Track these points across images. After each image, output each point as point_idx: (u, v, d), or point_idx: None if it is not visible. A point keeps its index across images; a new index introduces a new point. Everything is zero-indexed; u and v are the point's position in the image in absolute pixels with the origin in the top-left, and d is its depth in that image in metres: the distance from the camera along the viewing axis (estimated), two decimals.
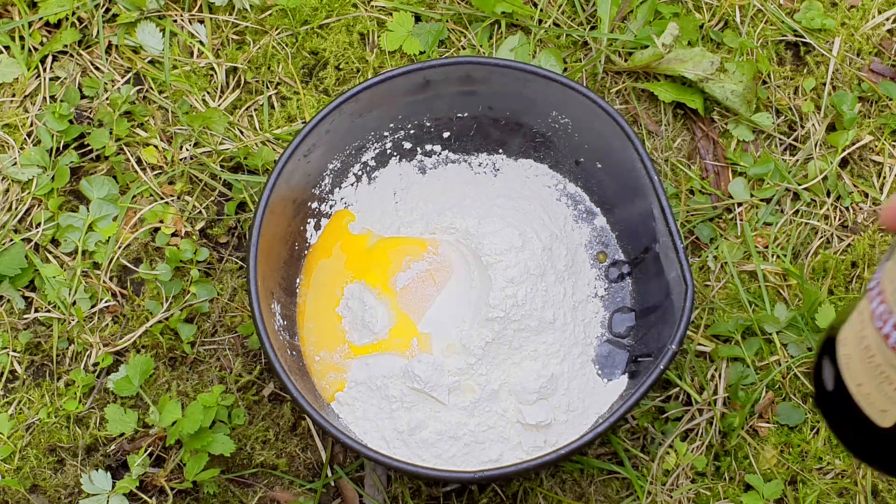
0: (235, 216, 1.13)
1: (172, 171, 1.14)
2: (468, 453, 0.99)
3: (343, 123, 1.03)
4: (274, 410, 1.08)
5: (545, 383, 1.00)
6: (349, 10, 1.18)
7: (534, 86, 1.02)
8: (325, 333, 1.04)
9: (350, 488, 1.05)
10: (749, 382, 1.07)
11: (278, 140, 1.14)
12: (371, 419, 1.00)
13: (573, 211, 1.08)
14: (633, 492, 1.05)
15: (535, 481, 1.05)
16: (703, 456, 1.06)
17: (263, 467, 1.06)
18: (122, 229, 1.12)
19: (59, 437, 1.06)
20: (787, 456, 1.06)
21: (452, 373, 1.00)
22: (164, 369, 1.08)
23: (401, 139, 1.08)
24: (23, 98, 1.16)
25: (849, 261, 1.11)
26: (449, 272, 1.03)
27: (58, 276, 1.10)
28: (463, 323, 1.01)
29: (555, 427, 1.00)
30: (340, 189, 1.08)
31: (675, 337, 0.94)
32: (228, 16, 1.18)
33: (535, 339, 1.00)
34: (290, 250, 1.05)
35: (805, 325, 1.08)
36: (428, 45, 1.16)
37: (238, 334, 1.10)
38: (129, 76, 1.17)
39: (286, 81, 1.17)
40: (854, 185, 1.14)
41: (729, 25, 1.19)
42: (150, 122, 1.15)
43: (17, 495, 1.05)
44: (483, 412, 1.00)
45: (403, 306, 1.02)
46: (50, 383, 1.08)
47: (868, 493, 1.05)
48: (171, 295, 1.10)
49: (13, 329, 1.09)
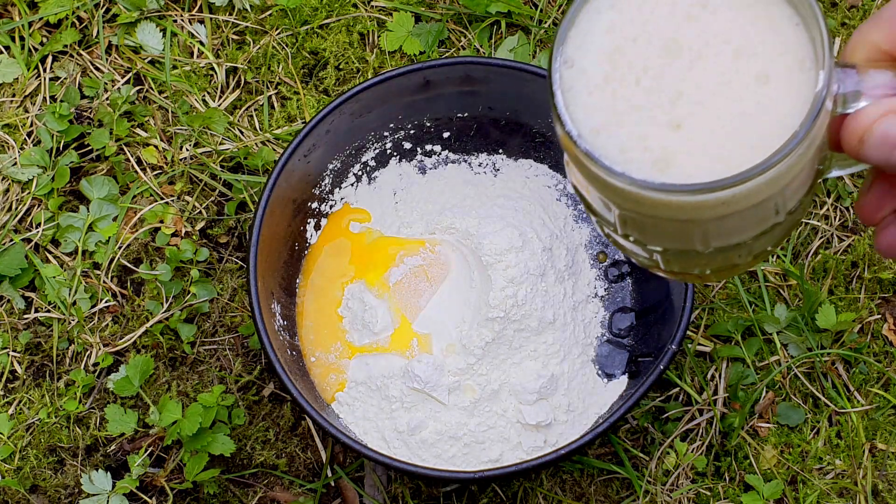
0: (235, 216, 1.13)
1: (172, 171, 1.14)
2: (468, 453, 0.99)
3: (343, 123, 1.03)
4: (274, 410, 1.08)
5: (545, 383, 1.00)
6: (349, 10, 1.18)
7: (534, 86, 1.02)
8: (324, 333, 1.04)
9: (350, 488, 1.05)
10: (749, 382, 1.07)
11: (278, 140, 1.14)
12: (371, 419, 1.00)
13: (573, 211, 1.08)
14: (633, 492, 1.05)
15: (535, 481, 1.05)
16: (703, 456, 1.06)
17: (263, 467, 1.06)
18: (122, 229, 1.12)
19: (59, 437, 1.06)
20: (788, 456, 1.06)
21: (452, 373, 1.00)
22: (164, 369, 1.08)
23: (401, 139, 1.08)
24: (23, 98, 1.16)
25: (849, 261, 1.11)
26: (445, 270, 1.03)
27: (58, 277, 1.10)
28: (463, 323, 1.01)
29: (555, 427, 1.00)
30: (340, 189, 1.08)
31: (675, 337, 0.94)
32: (228, 16, 1.18)
33: (536, 339, 1.00)
34: (290, 250, 1.05)
35: (805, 326, 1.08)
36: (428, 45, 1.16)
37: (238, 334, 1.10)
38: (129, 76, 1.17)
39: (286, 81, 1.17)
40: (854, 186, 1.14)
41: None
42: (150, 122, 1.15)
43: (17, 495, 1.05)
44: (483, 412, 1.00)
45: (397, 302, 1.02)
46: (50, 383, 1.08)
47: (868, 494, 1.05)
48: (171, 295, 1.10)
49: (13, 329, 1.09)
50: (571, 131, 0.49)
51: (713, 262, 0.57)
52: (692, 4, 0.50)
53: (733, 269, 0.59)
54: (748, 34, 0.50)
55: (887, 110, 0.49)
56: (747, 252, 0.56)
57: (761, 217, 0.52)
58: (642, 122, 0.50)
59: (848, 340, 1.08)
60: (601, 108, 0.51)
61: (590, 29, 0.51)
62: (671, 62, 0.50)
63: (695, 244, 0.54)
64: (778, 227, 0.54)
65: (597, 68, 0.51)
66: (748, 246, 0.55)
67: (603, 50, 0.51)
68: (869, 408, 1.07)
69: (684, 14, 0.50)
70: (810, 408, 1.07)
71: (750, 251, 0.56)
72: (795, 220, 0.56)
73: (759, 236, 0.54)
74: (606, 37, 0.51)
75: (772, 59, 0.49)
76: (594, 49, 0.51)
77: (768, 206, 0.51)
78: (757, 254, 0.57)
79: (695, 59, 0.50)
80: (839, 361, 1.08)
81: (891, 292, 1.11)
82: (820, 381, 1.08)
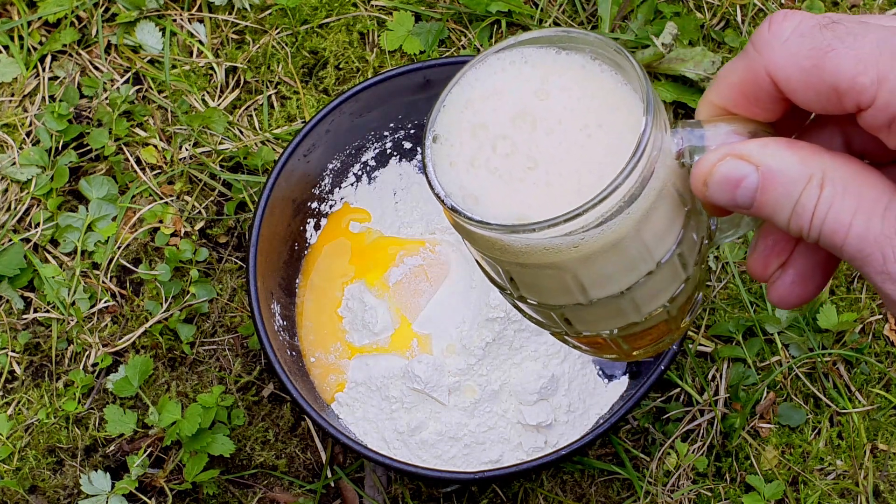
0: (235, 216, 1.12)
1: (172, 171, 1.13)
2: (468, 454, 0.99)
3: (343, 123, 1.02)
4: (274, 411, 1.07)
5: (546, 384, 0.99)
6: (349, 9, 1.18)
7: None
8: (324, 334, 1.04)
9: (350, 489, 1.05)
10: (750, 383, 1.07)
11: (278, 140, 1.14)
12: (371, 420, 1.00)
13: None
14: (633, 492, 1.05)
15: (535, 482, 1.05)
16: (703, 457, 1.05)
17: (263, 468, 1.06)
18: (121, 229, 1.12)
19: (58, 437, 1.06)
20: (789, 457, 1.06)
21: (453, 373, 0.99)
22: (164, 370, 1.08)
23: (401, 139, 1.08)
24: (22, 98, 1.16)
25: None
26: (444, 270, 1.03)
27: (57, 277, 1.09)
28: (463, 323, 1.01)
29: (555, 428, 1.00)
30: (340, 189, 1.08)
31: None
32: (228, 15, 1.18)
33: (536, 339, 1.00)
34: (290, 250, 1.05)
35: (806, 326, 1.08)
36: (428, 44, 1.16)
37: (238, 334, 1.09)
38: (129, 76, 1.17)
39: (286, 81, 1.16)
40: None
41: (730, 25, 1.18)
42: (150, 122, 1.15)
43: (17, 496, 1.05)
44: (483, 413, 0.99)
45: (397, 302, 1.02)
46: (49, 384, 1.08)
47: (869, 494, 1.05)
48: (170, 295, 1.10)
49: (12, 329, 1.09)
50: (440, 193, 0.56)
51: (611, 320, 0.61)
52: (537, 91, 0.57)
53: (644, 336, 0.63)
54: (587, 107, 0.57)
55: (724, 154, 0.54)
56: (634, 308, 0.60)
57: (626, 263, 0.57)
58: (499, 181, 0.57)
59: (849, 341, 1.08)
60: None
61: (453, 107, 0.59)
62: (526, 133, 0.57)
63: (576, 295, 0.58)
64: (654, 278, 0.58)
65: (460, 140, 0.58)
66: (631, 300, 0.59)
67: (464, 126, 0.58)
68: (870, 408, 1.07)
69: (532, 93, 0.57)
70: (811, 408, 1.07)
71: (637, 307, 0.60)
72: (687, 281, 0.60)
73: (636, 287, 0.58)
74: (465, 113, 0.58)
75: (604, 115, 0.56)
76: (458, 125, 0.58)
77: (629, 250, 0.56)
78: (650, 314, 0.60)
79: (544, 131, 0.56)
80: (840, 362, 1.08)
81: None
82: (821, 382, 1.08)
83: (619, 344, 0.63)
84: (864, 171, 0.53)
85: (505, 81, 0.57)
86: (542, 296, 0.60)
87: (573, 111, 0.56)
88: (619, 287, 0.58)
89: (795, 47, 0.53)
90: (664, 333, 0.64)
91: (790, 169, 0.53)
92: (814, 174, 0.52)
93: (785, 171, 0.53)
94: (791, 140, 0.54)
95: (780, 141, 0.54)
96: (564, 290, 0.58)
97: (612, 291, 0.58)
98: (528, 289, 0.59)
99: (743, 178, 0.53)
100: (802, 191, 0.52)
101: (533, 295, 0.60)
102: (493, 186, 0.56)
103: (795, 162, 0.53)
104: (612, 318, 0.61)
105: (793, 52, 0.53)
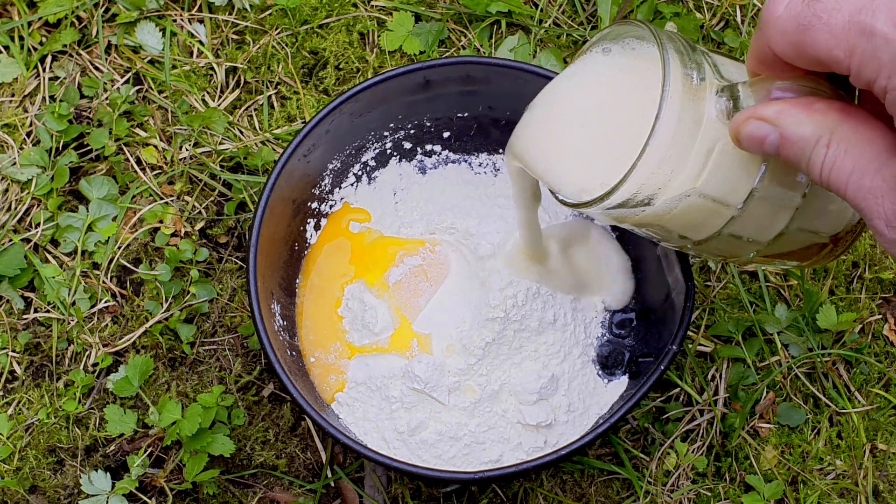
0: (235, 216, 1.12)
1: (172, 171, 1.13)
2: (468, 454, 0.99)
3: (343, 123, 1.02)
4: (274, 411, 1.08)
5: (545, 384, 0.99)
6: (349, 9, 1.18)
7: (534, 86, 1.01)
8: (324, 333, 1.04)
9: (350, 489, 1.05)
10: (750, 383, 1.07)
11: (278, 140, 1.14)
12: (371, 420, 1.00)
13: (573, 211, 1.08)
14: (633, 492, 1.05)
15: (535, 482, 1.05)
16: (703, 456, 1.05)
17: (263, 468, 1.06)
18: (121, 229, 1.12)
19: (58, 437, 1.06)
20: (788, 456, 1.06)
21: (453, 373, 0.99)
22: (164, 370, 1.08)
23: (401, 139, 1.08)
24: (22, 98, 1.16)
25: (850, 261, 1.11)
26: (444, 270, 1.03)
27: (57, 277, 1.09)
28: (463, 323, 1.01)
29: (555, 427, 1.00)
30: (340, 189, 1.08)
31: (676, 337, 0.93)
32: (228, 15, 1.18)
33: (536, 339, 1.00)
34: (290, 250, 1.05)
35: (806, 326, 1.08)
36: (428, 44, 1.16)
37: (238, 334, 1.09)
38: (129, 76, 1.17)
39: (286, 81, 1.16)
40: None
41: (730, 25, 1.18)
42: (150, 122, 1.15)
43: (17, 496, 1.05)
44: (483, 413, 0.99)
45: (397, 302, 1.02)
46: (49, 384, 1.08)
47: (869, 494, 1.05)
48: (170, 295, 1.10)
49: (12, 329, 1.09)
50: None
51: (724, 249, 0.78)
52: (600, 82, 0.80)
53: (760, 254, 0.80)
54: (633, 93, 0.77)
55: (748, 117, 0.66)
56: (728, 245, 0.78)
57: (710, 212, 0.74)
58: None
59: (849, 341, 1.08)
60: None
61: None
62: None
63: (680, 241, 0.78)
64: (736, 222, 0.75)
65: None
66: (723, 239, 0.77)
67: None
68: (870, 408, 1.07)
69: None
70: (811, 408, 1.07)
71: (731, 245, 0.78)
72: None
73: (724, 231, 0.76)
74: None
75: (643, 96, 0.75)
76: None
77: (706, 206, 0.74)
78: (742, 242, 0.78)
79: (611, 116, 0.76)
80: (840, 362, 1.08)
81: (891, 292, 1.10)
82: (821, 382, 1.08)
83: (751, 260, 0.80)
84: (868, 130, 0.63)
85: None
86: (668, 236, 0.78)
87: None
88: (705, 234, 0.76)
89: (784, 24, 0.62)
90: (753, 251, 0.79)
91: (802, 131, 0.64)
92: (822, 136, 0.63)
93: (798, 132, 0.64)
94: (808, 101, 0.64)
95: (798, 104, 0.65)
96: (672, 236, 0.78)
97: (703, 237, 0.77)
98: (657, 233, 0.78)
99: (765, 137, 0.65)
100: (812, 150, 0.64)
101: (666, 237, 0.78)
102: None
103: (807, 124, 0.64)
104: (726, 247, 0.78)
105: (782, 29, 0.62)
